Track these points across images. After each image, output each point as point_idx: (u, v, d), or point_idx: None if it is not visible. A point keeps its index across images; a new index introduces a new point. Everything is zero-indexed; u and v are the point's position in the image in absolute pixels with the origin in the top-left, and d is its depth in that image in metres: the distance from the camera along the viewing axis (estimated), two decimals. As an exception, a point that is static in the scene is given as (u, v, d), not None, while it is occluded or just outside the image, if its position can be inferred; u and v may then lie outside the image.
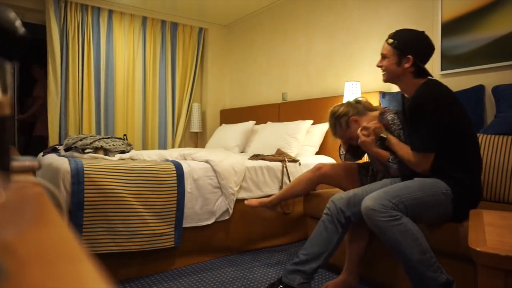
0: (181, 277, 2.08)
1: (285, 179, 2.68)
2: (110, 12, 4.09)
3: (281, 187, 2.64)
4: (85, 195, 1.89)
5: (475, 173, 1.57)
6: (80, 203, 1.88)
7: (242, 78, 4.64)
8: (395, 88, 2.83)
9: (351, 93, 2.75)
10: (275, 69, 4.09)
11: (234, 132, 3.79)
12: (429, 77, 1.65)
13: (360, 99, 2.01)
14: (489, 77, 2.25)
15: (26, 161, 0.60)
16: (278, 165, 2.68)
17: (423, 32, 1.65)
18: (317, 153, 3.19)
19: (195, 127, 4.62)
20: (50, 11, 3.68)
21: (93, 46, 3.98)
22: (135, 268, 2.08)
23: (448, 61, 2.44)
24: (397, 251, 1.43)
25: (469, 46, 2.34)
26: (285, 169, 2.68)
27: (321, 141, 3.18)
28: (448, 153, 1.55)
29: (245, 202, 2.17)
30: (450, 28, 2.43)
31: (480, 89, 2.23)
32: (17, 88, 3.73)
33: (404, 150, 1.64)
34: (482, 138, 2.04)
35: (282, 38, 3.99)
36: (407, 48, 1.62)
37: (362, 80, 3.03)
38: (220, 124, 4.72)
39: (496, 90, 2.12)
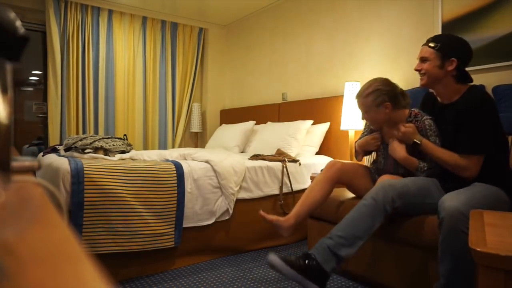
0: (181, 277, 2.08)
1: (285, 179, 2.68)
2: (110, 12, 4.09)
3: (281, 187, 2.64)
4: (85, 195, 1.89)
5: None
6: (80, 203, 1.88)
7: (242, 78, 4.64)
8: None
9: (351, 93, 2.75)
10: (275, 69, 4.09)
11: (234, 132, 3.79)
12: (473, 84, 1.63)
13: (405, 92, 1.78)
14: (489, 77, 2.25)
15: (26, 161, 0.60)
16: (278, 165, 2.68)
17: (462, 38, 1.65)
18: (317, 153, 3.19)
19: (195, 127, 4.62)
20: (50, 11, 3.68)
21: (93, 46, 3.98)
22: (135, 268, 2.08)
23: (448, 61, 2.44)
24: (459, 259, 1.31)
25: (469, 46, 2.34)
26: (285, 169, 2.68)
27: (321, 141, 3.18)
28: (493, 158, 1.54)
29: (261, 212, 1.80)
30: (450, 28, 2.43)
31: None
32: None
33: (447, 153, 1.57)
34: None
35: (282, 38, 3.99)
36: (451, 51, 1.59)
37: (362, 80, 3.02)
38: (220, 124, 4.72)
39: (497, 90, 2.12)
